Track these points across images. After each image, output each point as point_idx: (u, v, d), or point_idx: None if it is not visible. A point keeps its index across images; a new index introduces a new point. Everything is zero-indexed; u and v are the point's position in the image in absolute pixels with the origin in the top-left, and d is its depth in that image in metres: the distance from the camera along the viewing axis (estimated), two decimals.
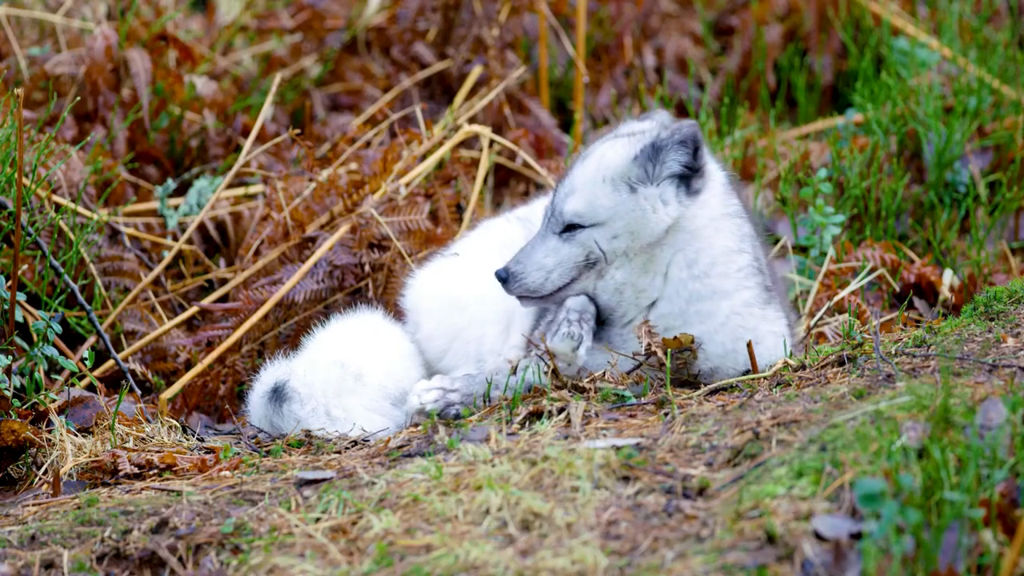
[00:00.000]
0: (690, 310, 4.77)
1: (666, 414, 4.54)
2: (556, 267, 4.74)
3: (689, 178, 4.72)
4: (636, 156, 4.70)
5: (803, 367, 4.82)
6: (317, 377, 4.97)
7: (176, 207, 6.63)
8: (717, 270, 4.78)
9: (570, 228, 4.74)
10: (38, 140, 6.06)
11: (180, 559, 4.14)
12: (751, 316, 4.80)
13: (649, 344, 4.71)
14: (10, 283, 5.27)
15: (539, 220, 4.91)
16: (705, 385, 4.78)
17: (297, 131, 5.97)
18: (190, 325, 6.22)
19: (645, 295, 4.78)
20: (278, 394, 4.96)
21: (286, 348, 5.88)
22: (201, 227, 6.66)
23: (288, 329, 6.01)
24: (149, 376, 6.02)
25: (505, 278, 4.75)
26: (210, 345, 5.94)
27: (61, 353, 5.55)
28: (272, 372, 5.05)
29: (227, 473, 4.62)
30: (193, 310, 6.00)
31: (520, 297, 4.78)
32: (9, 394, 5.02)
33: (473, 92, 7.43)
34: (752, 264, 4.82)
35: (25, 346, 5.30)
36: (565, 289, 4.76)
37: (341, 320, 5.29)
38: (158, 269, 6.19)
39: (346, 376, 4.99)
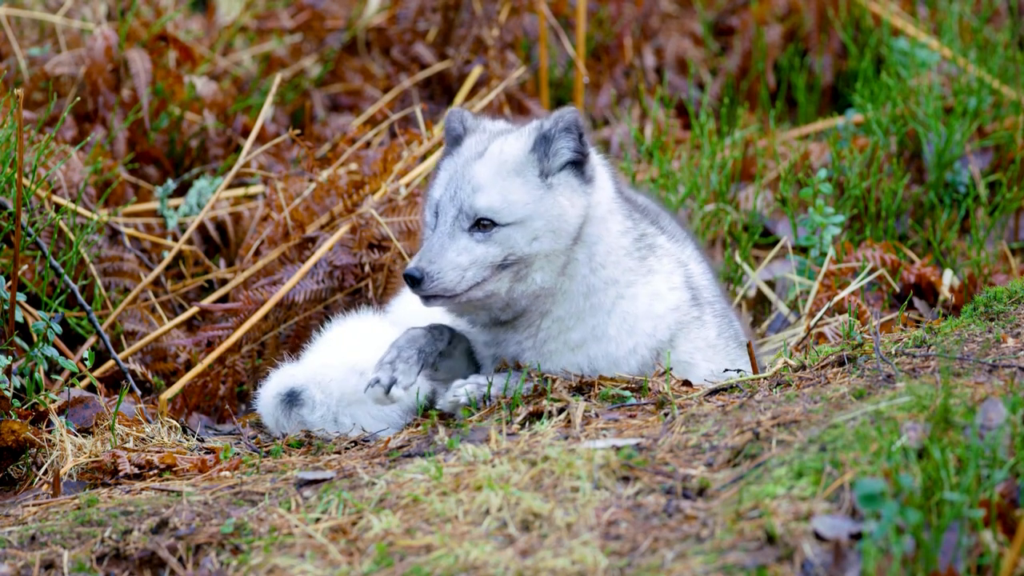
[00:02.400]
0: (586, 305, 4.73)
1: (666, 414, 4.54)
2: (471, 266, 4.60)
3: (581, 165, 4.68)
4: (532, 148, 4.64)
5: (803, 367, 4.82)
6: (336, 386, 4.96)
7: (176, 207, 6.63)
8: (611, 259, 4.73)
9: (483, 226, 4.62)
10: (38, 140, 6.06)
11: (180, 559, 4.14)
12: (632, 285, 4.76)
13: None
14: (10, 283, 5.27)
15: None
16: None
17: (297, 131, 5.97)
18: (190, 325, 6.22)
19: (552, 299, 4.72)
20: (292, 399, 4.96)
21: (287, 349, 5.89)
22: (201, 227, 6.66)
23: (288, 329, 6.01)
24: (149, 376, 6.02)
25: (419, 278, 4.57)
26: (210, 345, 5.94)
27: (61, 353, 5.54)
28: (289, 374, 5.04)
29: (227, 473, 4.62)
30: (193, 310, 6.00)
31: (429, 297, 4.63)
32: (9, 394, 5.02)
33: (473, 92, 7.43)
34: (634, 242, 4.78)
35: (25, 346, 5.30)
36: (476, 289, 4.62)
37: (351, 321, 5.29)
38: (158, 269, 6.19)
39: (363, 384, 4.99)
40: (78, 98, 6.80)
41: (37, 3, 7.56)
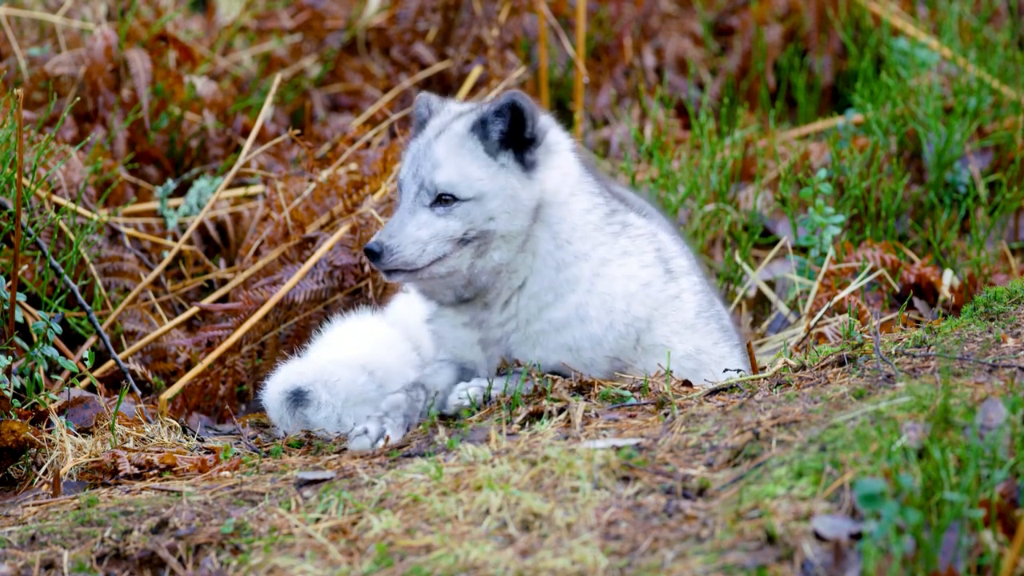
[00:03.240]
0: (559, 278, 4.75)
1: (666, 414, 4.54)
2: (431, 239, 4.64)
3: (526, 149, 4.70)
4: (472, 128, 4.69)
5: (803, 367, 4.82)
6: (342, 386, 4.98)
7: (176, 207, 6.63)
8: (578, 234, 4.74)
9: (443, 201, 4.65)
10: (38, 140, 6.06)
11: (180, 559, 4.14)
12: (608, 264, 4.77)
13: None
14: (10, 283, 5.27)
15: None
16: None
17: (297, 131, 5.97)
18: (190, 325, 6.22)
19: (518, 275, 4.74)
20: (298, 398, 4.98)
21: (287, 349, 5.89)
22: (201, 227, 6.66)
23: (288, 329, 6.01)
24: (149, 376, 6.02)
25: (379, 252, 4.62)
26: (210, 345, 5.94)
27: (61, 353, 5.54)
28: (296, 372, 5.05)
29: (227, 473, 4.62)
30: (193, 310, 6.00)
31: (391, 271, 4.66)
32: (9, 394, 5.02)
33: (473, 92, 7.43)
34: (604, 217, 4.79)
35: (25, 346, 5.30)
36: (437, 264, 4.65)
37: (357, 321, 5.29)
38: (158, 269, 6.19)
39: (371, 385, 4.98)
40: (78, 98, 6.80)
41: (37, 3, 7.56)
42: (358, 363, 5.03)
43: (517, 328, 4.78)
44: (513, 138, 4.69)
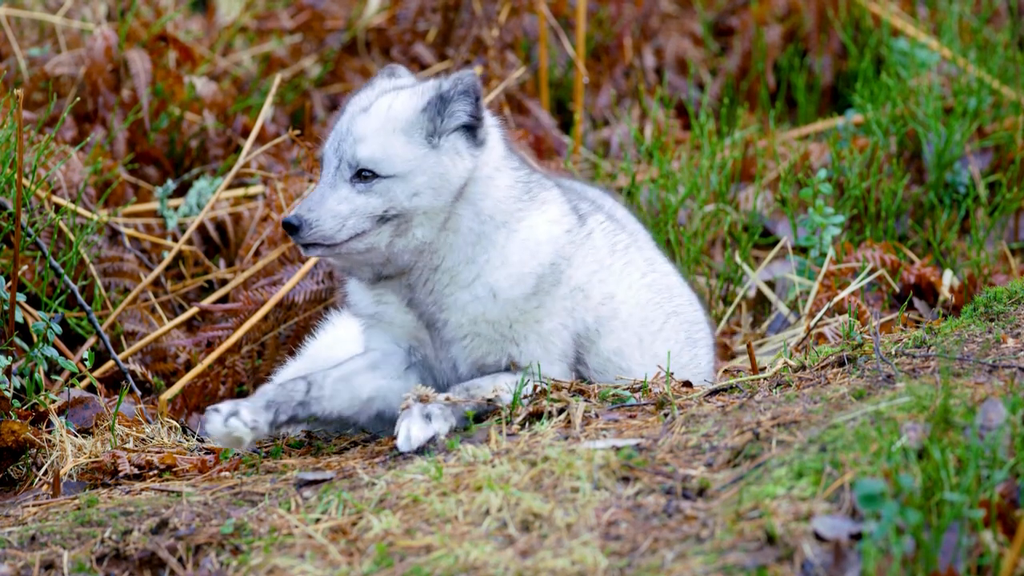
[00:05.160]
0: (477, 248, 4.69)
1: (666, 415, 4.54)
2: (351, 215, 4.59)
3: (474, 128, 4.69)
4: (424, 107, 4.64)
5: (803, 367, 4.82)
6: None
7: (176, 208, 6.63)
8: (501, 207, 4.70)
9: (363, 177, 4.61)
10: (38, 141, 6.06)
11: (180, 560, 4.14)
12: (522, 220, 4.74)
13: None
14: (10, 284, 5.27)
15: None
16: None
17: (297, 132, 5.97)
18: (190, 326, 6.22)
19: (438, 255, 4.70)
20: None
21: (286, 349, 5.89)
22: (201, 228, 6.66)
23: (288, 330, 6.01)
24: (149, 377, 6.02)
25: (297, 225, 4.56)
26: (210, 346, 5.94)
27: (61, 354, 5.55)
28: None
29: (227, 474, 4.62)
30: (193, 311, 6.00)
31: (309, 246, 4.61)
32: (9, 395, 5.03)
33: None
34: (523, 187, 4.76)
35: (25, 347, 5.30)
36: (356, 240, 4.60)
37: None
38: (158, 270, 6.19)
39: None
40: (78, 98, 6.80)
41: (37, 3, 7.56)
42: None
43: (435, 302, 4.74)
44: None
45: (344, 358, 4.82)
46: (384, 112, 4.66)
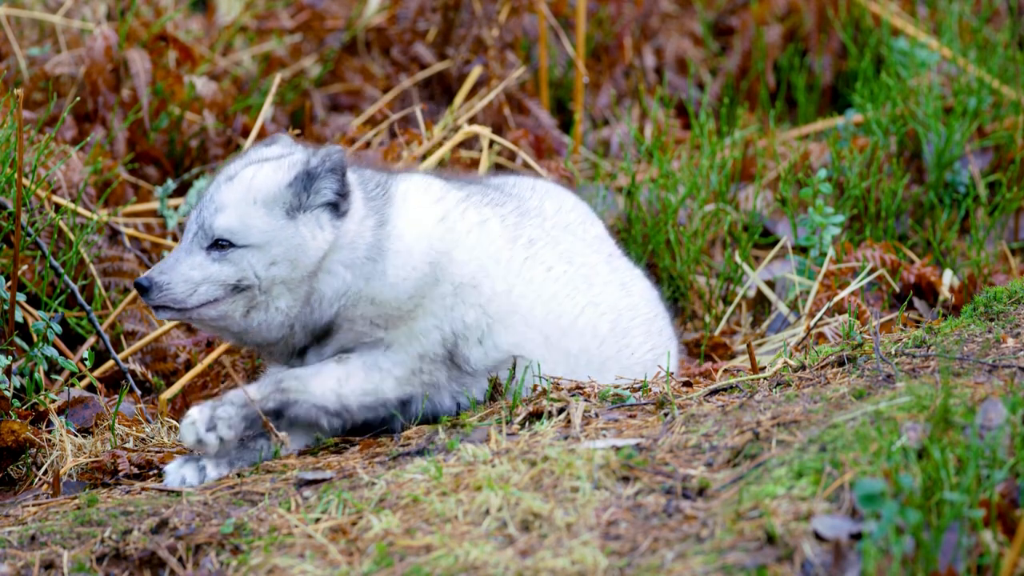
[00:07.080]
0: (355, 279, 4.67)
1: (666, 414, 4.54)
2: (203, 281, 4.60)
3: (338, 203, 4.67)
4: (291, 183, 4.62)
5: (803, 367, 4.82)
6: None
7: (176, 207, 6.63)
8: (367, 252, 4.67)
9: (219, 246, 4.62)
10: (38, 140, 6.06)
11: (180, 559, 4.14)
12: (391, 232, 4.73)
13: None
14: (10, 283, 5.27)
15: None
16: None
17: (297, 131, 5.97)
18: (190, 326, 6.21)
19: (313, 322, 4.70)
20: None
21: None
22: None
23: None
24: (149, 376, 6.02)
25: (147, 287, 4.60)
26: (210, 345, 5.94)
27: (61, 353, 5.55)
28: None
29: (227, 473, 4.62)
30: None
31: (159, 308, 4.63)
32: (9, 394, 5.03)
33: (473, 92, 7.43)
34: (374, 214, 4.72)
35: (25, 346, 5.30)
36: (209, 307, 4.61)
37: None
38: None
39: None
40: (78, 98, 6.80)
41: (37, 3, 7.56)
42: None
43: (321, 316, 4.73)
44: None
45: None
46: (247, 183, 4.66)
